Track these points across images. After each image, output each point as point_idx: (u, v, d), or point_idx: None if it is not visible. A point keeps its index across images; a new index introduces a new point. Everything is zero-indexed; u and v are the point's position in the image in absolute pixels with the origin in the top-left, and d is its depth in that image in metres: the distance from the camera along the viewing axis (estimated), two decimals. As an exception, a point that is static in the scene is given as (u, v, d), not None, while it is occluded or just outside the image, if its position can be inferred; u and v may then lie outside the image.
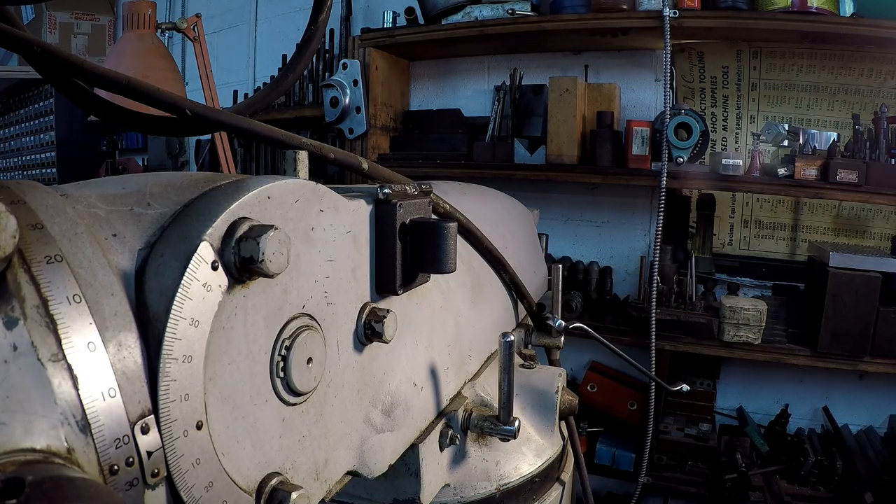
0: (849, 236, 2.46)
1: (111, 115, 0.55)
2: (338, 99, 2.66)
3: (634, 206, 2.68)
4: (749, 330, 2.19)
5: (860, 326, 2.09)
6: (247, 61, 3.62)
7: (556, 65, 2.72)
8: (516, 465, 0.69)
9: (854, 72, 2.36)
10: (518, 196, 1.03)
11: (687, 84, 2.55)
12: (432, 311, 0.59)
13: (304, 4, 3.27)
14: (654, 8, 2.21)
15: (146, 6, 1.90)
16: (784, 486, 2.20)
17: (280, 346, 0.39)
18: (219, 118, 0.47)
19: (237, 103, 3.16)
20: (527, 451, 0.71)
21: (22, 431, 0.26)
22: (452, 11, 2.55)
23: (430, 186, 0.53)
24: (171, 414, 0.31)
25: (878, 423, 2.40)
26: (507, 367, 0.60)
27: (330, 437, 0.44)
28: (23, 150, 4.36)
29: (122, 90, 0.42)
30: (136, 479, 0.30)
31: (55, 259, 0.29)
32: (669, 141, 2.18)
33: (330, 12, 0.64)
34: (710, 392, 2.52)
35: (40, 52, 0.40)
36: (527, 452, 0.71)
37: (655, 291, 2.24)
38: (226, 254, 0.34)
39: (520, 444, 0.70)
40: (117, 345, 0.30)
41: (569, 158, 2.39)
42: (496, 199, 0.92)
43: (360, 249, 0.46)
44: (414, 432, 0.56)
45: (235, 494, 0.36)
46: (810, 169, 2.11)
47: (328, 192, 0.43)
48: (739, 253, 2.57)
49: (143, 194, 0.36)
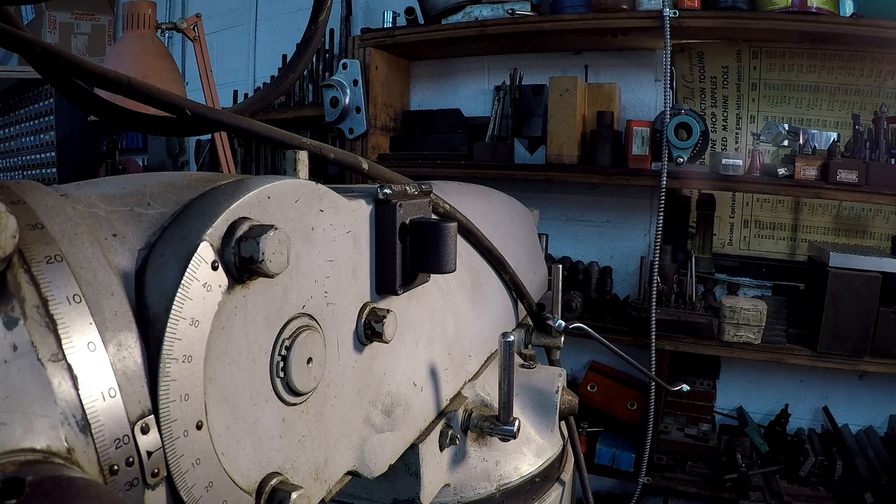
0: (849, 236, 2.46)
1: (111, 115, 0.55)
2: (338, 99, 2.66)
3: (634, 206, 2.68)
4: (749, 330, 2.19)
5: (860, 326, 2.09)
6: (247, 61, 3.62)
7: (556, 65, 2.72)
8: (516, 465, 0.69)
9: (854, 72, 2.36)
10: (518, 196, 1.03)
11: (687, 84, 2.55)
12: (432, 311, 0.59)
13: (304, 4, 3.27)
14: (654, 8, 2.21)
15: (146, 6, 1.90)
16: (784, 486, 2.20)
17: (280, 346, 0.39)
18: (219, 118, 0.47)
19: (237, 103, 3.16)
20: (527, 451, 0.71)
21: (22, 431, 0.26)
22: (452, 11, 2.55)
23: (430, 186, 0.53)
24: (171, 414, 0.31)
25: (878, 423, 2.40)
26: (507, 367, 0.60)
27: (330, 437, 0.44)
28: (23, 150, 4.36)
29: (122, 90, 0.42)
30: (136, 479, 0.30)
31: (55, 259, 0.29)
32: (669, 141, 2.18)
33: (330, 12, 0.64)
34: (710, 392, 2.52)
35: (40, 52, 0.40)
36: (527, 452, 0.71)
37: (655, 291, 2.24)
38: (226, 254, 0.34)
39: (520, 444, 0.70)
40: (117, 345, 0.30)
41: (569, 158, 2.39)
42: (496, 199, 0.92)
43: (360, 249, 0.46)
44: (414, 432, 0.56)
45: (235, 494, 0.36)
46: (810, 169, 2.11)
47: (328, 192, 0.43)
48: (739, 253, 2.57)
49: (143, 194, 0.36)
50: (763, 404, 2.54)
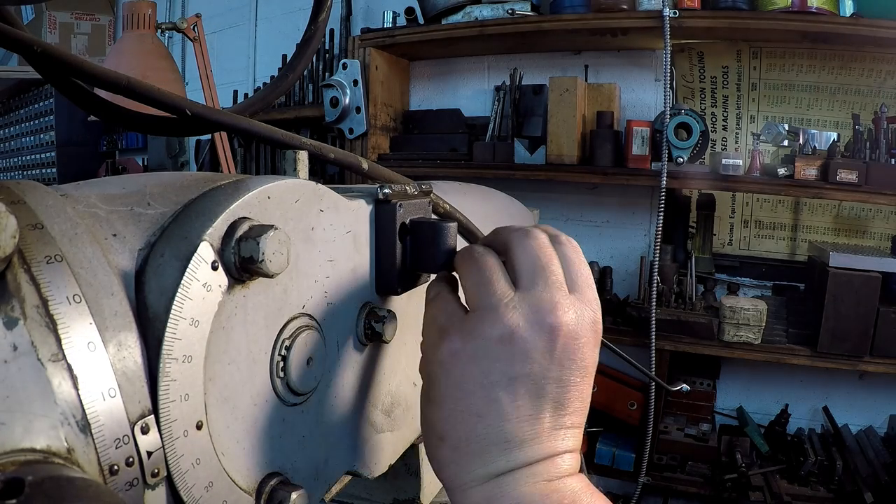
0: (849, 236, 2.46)
1: (111, 115, 0.55)
2: (338, 99, 2.66)
3: (634, 206, 2.68)
4: (749, 330, 2.19)
5: (860, 326, 2.09)
6: (247, 61, 3.62)
7: (556, 65, 2.72)
8: (516, 465, 0.69)
9: (854, 72, 2.36)
10: (518, 196, 1.03)
11: (687, 84, 2.55)
12: (432, 311, 0.59)
13: (304, 4, 3.27)
14: (654, 8, 2.21)
15: (146, 6, 1.90)
16: (784, 486, 2.20)
17: (280, 346, 0.39)
18: (219, 118, 0.47)
19: (237, 103, 3.16)
20: (527, 451, 0.71)
21: (22, 431, 0.26)
22: (452, 11, 2.56)
23: (430, 186, 0.53)
24: (171, 414, 0.31)
25: (878, 423, 2.40)
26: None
27: (330, 437, 0.45)
28: (23, 150, 4.36)
29: (122, 90, 0.42)
30: (136, 479, 0.30)
31: (55, 259, 0.29)
32: (669, 141, 2.18)
33: (330, 12, 0.64)
34: (710, 392, 2.52)
35: (40, 52, 0.40)
36: (527, 452, 0.71)
37: (655, 291, 2.24)
38: (226, 254, 0.34)
39: (520, 444, 0.70)
40: (117, 345, 0.30)
41: (569, 158, 2.39)
42: (496, 199, 0.92)
43: (360, 249, 0.46)
44: (414, 432, 0.56)
45: (235, 494, 0.36)
46: (810, 169, 2.11)
47: (328, 192, 0.43)
48: (739, 253, 2.57)
49: (143, 194, 0.36)
50: (763, 404, 2.54)
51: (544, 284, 0.43)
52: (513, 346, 0.41)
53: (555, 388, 0.42)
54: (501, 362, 0.41)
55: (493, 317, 0.42)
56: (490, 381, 0.41)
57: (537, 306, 0.42)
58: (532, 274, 0.43)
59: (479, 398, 0.41)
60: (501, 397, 0.41)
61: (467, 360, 0.42)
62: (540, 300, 0.42)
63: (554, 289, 0.43)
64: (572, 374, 0.42)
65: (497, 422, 0.41)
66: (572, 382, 0.42)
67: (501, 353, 0.41)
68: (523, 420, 0.41)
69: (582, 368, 0.43)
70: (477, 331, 0.42)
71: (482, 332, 0.42)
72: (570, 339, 0.42)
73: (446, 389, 0.42)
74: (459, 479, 0.42)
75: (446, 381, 0.42)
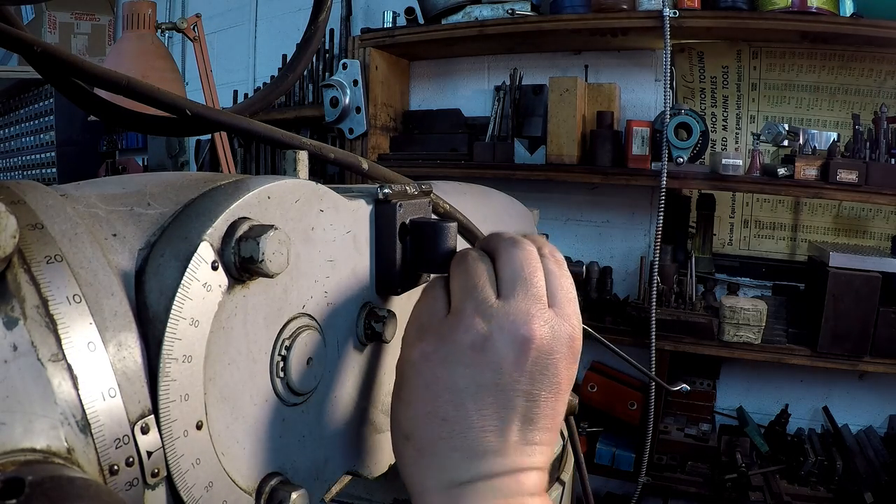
0: (849, 236, 2.46)
1: (111, 115, 0.55)
2: (338, 99, 2.66)
3: (634, 206, 2.68)
4: (749, 330, 2.19)
5: (860, 326, 2.09)
6: (247, 61, 3.62)
7: (556, 65, 2.72)
8: (516, 465, 0.69)
9: (854, 72, 2.36)
10: (518, 196, 1.03)
11: (687, 84, 2.55)
12: (432, 311, 0.59)
13: (304, 4, 3.27)
14: (654, 8, 2.21)
15: (146, 6, 1.90)
16: (784, 486, 2.20)
17: (280, 346, 0.39)
18: (219, 118, 0.47)
19: (237, 103, 3.17)
20: (527, 451, 0.71)
21: (22, 431, 0.26)
22: (452, 11, 2.55)
23: (430, 186, 0.53)
24: (171, 414, 0.31)
25: (878, 423, 2.40)
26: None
27: (330, 437, 0.45)
28: (23, 150, 4.36)
29: (122, 90, 0.42)
30: (136, 479, 0.30)
31: (55, 259, 0.29)
32: (669, 141, 2.18)
33: (330, 12, 0.64)
34: (710, 392, 2.52)
35: (40, 52, 0.40)
36: (527, 452, 0.71)
37: (655, 291, 2.24)
38: (226, 254, 0.34)
39: (520, 444, 0.70)
40: (117, 345, 0.30)
41: (569, 158, 2.39)
42: (496, 199, 0.92)
43: (360, 249, 0.46)
44: (414, 432, 0.56)
45: (235, 494, 0.36)
46: (810, 169, 2.11)
47: (328, 192, 0.43)
48: (739, 253, 2.57)
49: (143, 194, 0.36)
50: (763, 404, 2.54)
51: (524, 295, 0.42)
52: (483, 354, 0.40)
53: (523, 402, 0.41)
54: (471, 369, 0.40)
55: (468, 322, 0.41)
56: (458, 386, 0.41)
57: (513, 316, 0.41)
58: (513, 283, 0.43)
59: (446, 402, 0.41)
60: (468, 405, 0.40)
61: (438, 362, 0.41)
62: (516, 311, 0.41)
63: (532, 301, 0.42)
64: (543, 388, 0.41)
65: (462, 429, 0.40)
66: (542, 397, 0.41)
67: (472, 360, 0.41)
68: (488, 430, 0.40)
69: (554, 384, 0.42)
70: (451, 335, 0.41)
71: (455, 336, 0.41)
72: (542, 354, 0.41)
73: (416, 389, 0.42)
74: (421, 482, 0.42)
75: (416, 381, 0.42)
